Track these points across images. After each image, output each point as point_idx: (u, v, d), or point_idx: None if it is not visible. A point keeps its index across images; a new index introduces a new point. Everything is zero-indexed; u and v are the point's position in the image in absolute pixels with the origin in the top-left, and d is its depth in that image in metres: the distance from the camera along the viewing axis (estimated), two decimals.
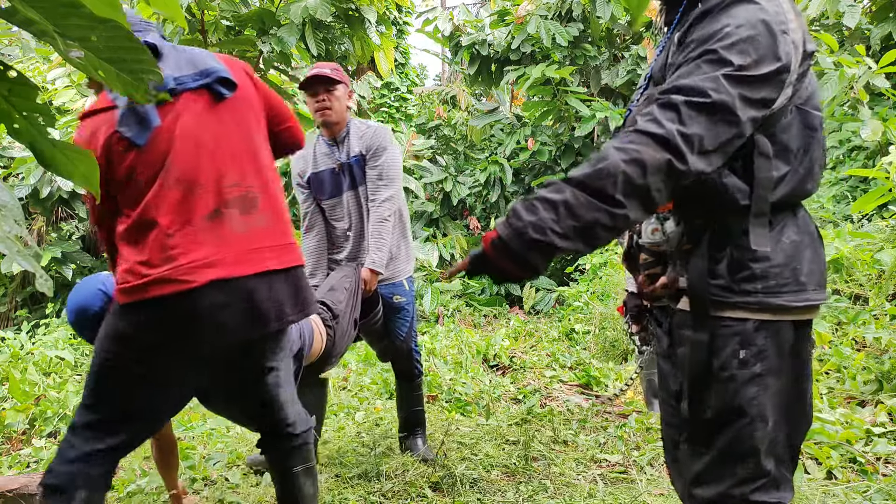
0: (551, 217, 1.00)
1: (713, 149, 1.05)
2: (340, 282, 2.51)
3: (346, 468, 2.69)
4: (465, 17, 8.41)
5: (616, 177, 1.00)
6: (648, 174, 1.01)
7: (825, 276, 1.23)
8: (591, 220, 1.01)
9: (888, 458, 2.63)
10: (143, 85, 0.79)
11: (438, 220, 8.22)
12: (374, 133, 2.69)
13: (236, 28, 4.72)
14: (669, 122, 1.04)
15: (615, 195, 1.00)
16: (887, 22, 5.88)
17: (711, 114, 1.04)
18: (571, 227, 1.01)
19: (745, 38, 1.06)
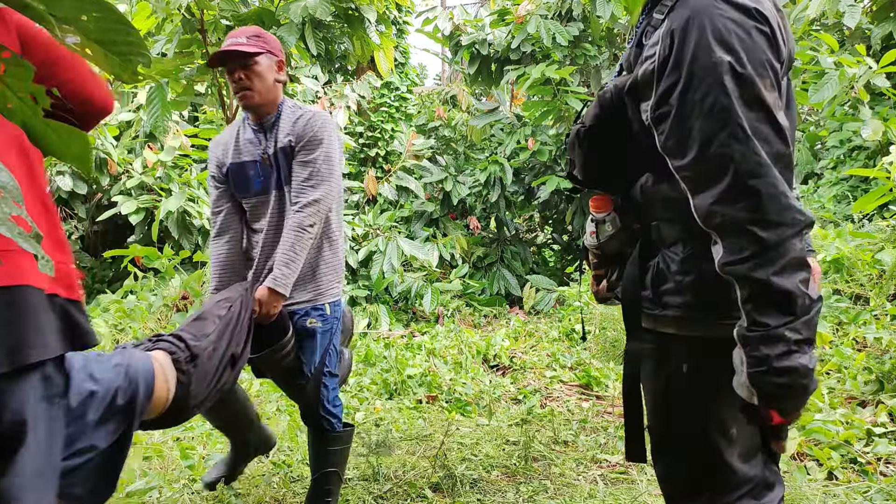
0: (800, 357, 0.97)
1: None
2: (213, 308, 1.99)
3: (345, 468, 2.68)
4: (465, 17, 8.41)
5: (803, 292, 0.97)
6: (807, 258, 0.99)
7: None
8: (814, 326, 0.99)
9: (889, 459, 2.63)
10: (130, 66, 0.80)
11: (438, 220, 8.21)
12: (310, 121, 2.15)
13: (236, 27, 4.72)
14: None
15: (813, 297, 0.98)
16: (888, 21, 5.88)
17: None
18: (810, 345, 0.99)
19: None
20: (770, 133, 0.97)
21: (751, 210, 0.96)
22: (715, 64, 0.96)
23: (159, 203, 5.62)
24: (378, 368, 4.27)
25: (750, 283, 0.98)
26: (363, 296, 6.58)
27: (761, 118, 0.97)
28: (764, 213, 0.96)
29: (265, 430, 2.48)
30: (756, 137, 0.96)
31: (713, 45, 0.96)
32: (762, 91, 0.96)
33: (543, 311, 7.00)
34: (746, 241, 0.97)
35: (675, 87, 1.01)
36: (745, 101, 0.96)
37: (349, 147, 6.40)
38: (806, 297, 0.97)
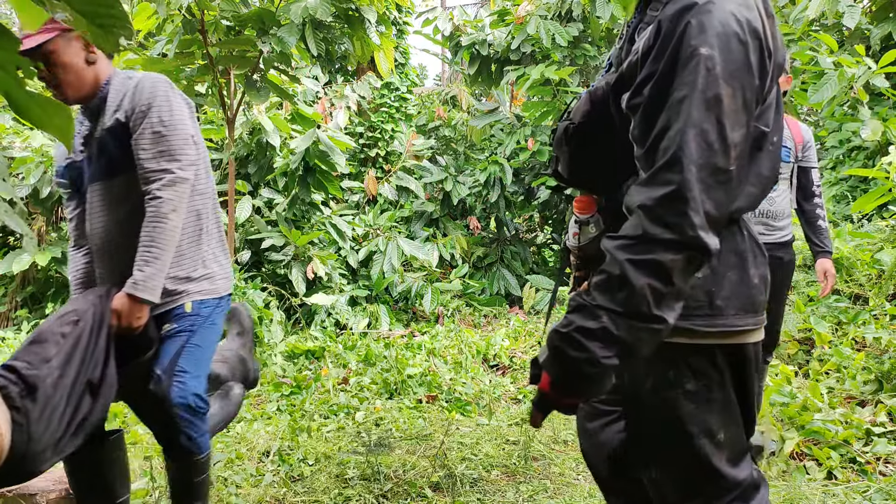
0: (597, 347, 0.96)
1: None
2: (55, 326, 1.60)
3: (345, 468, 2.69)
4: (464, 17, 8.42)
5: (644, 296, 0.94)
6: (676, 277, 0.95)
7: (757, 299, 1.13)
8: (636, 339, 0.96)
9: (888, 458, 2.64)
10: (112, 37, 0.81)
11: (438, 220, 8.22)
12: (136, 88, 1.81)
13: (236, 28, 4.72)
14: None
15: (652, 312, 0.95)
16: (887, 22, 5.88)
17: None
18: (619, 350, 0.96)
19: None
20: (715, 141, 0.95)
21: (652, 198, 0.95)
22: (691, 60, 0.95)
23: None
24: (378, 368, 4.28)
25: (610, 258, 0.97)
26: (363, 296, 6.59)
27: (712, 122, 0.95)
28: (658, 206, 0.94)
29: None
30: (698, 139, 0.94)
31: (695, 42, 0.95)
32: (724, 96, 0.95)
33: (543, 310, 7.00)
34: (633, 225, 0.97)
35: (651, 78, 1.00)
36: (705, 102, 0.95)
37: (349, 147, 6.40)
38: (645, 304, 0.94)
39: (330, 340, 5.24)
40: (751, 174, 1.10)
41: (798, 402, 2.98)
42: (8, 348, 4.46)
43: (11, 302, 6.15)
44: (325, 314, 5.98)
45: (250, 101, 5.17)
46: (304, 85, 6.20)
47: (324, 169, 5.95)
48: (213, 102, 5.19)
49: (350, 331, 5.71)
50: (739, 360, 1.14)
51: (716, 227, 0.96)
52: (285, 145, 6.17)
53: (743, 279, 1.11)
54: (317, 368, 4.41)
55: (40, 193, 5.71)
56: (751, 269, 1.12)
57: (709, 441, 1.12)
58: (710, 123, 0.95)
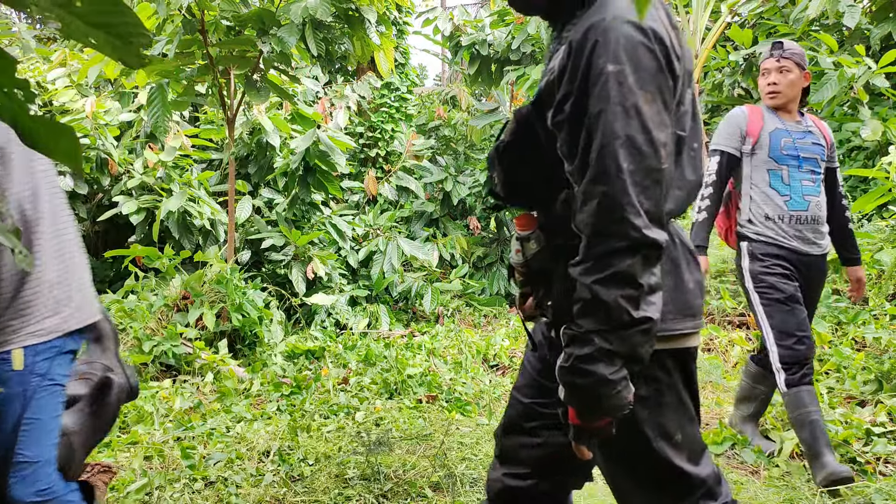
0: (601, 367, 1.00)
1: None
2: None
3: (345, 468, 2.69)
4: (464, 17, 8.42)
5: (621, 306, 0.99)
6: (641, 278, 1.00)
7: (693, 303, 1.17)
8: (632, 345, 1.01)
9: (888, 458, 2.64)
10: (133, 48, 0.77)
11: (438, 220, 8.22)
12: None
13: (236, 28, 4.72)
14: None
15: (634, 317, 0.99)
16: (887, 22, 5.88)
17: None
18: (623, 361, 1.01)
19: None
20: (644, 146, 0.99)
21: (592, 214, 1.00)
22: (603, 74, 0.99)
23: (160, 203, 5.63)
24: (378, 368, 4.28)
25: (579, 285, 1.02)
26: (363, 296, 6.59)
27: (638, 129, 0.99)
28: (599, 219, 0.99)
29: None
30: (626, 147, 0.98)
31: (604, 58, 1.00)
32: (642, 103, 0.99)
33: None
34: (583, 244, 1.02)
35: (570, 96, 1.04)
36: (623, 111, 0.98)
37: (349, 147, 6.40)
38: (625, 313, 0.98)
39: (330, 340, 5.25)
40: (675, 178, 1.13)
41: None
42: None
43: None
44: (325, 314, 5.98)
45: (250, 101, 5.17)
46: (304, 85, 6.20)
47: (324, 169, 5.95)
48: (213, 102, 5.19)
49: (350, 331, 5.71)
50: (685, 361, 1.19)
51: (660, 222, 1.01)
52: (285, 145, 6.17)
53: (678, 285, 1.16)
54: (317, 368, 4.42)
55: None
56: (685, 275, 1.17)
57: (667, 443, 1.16)
58: (634, 130, 0.99)
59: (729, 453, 2.81)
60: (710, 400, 3.38)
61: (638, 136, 0.99)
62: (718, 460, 2.73)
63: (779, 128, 2.53)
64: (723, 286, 4.28)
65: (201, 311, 4.42)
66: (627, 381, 1.02)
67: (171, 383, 3.89)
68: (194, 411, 3.49)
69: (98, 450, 2.99)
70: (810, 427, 2.41)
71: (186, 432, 3.17)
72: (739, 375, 3.63)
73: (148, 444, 2.96)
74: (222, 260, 4.99)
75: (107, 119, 5.91)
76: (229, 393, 3.80)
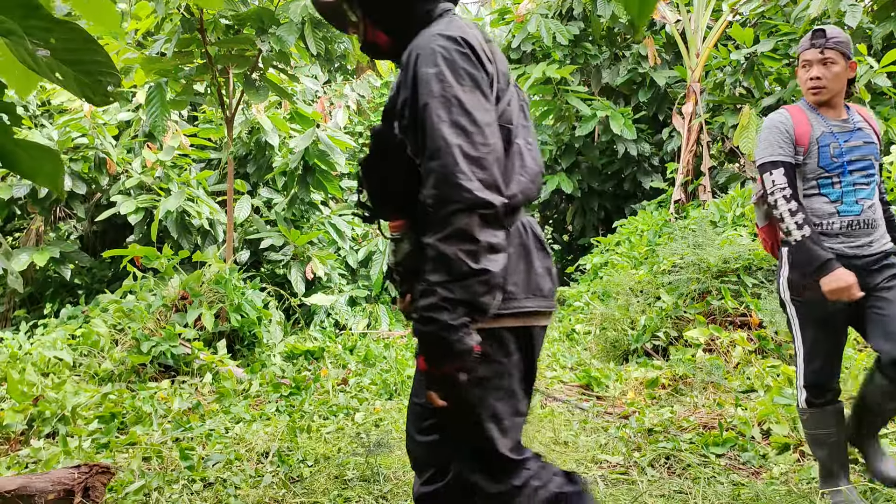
0: (445, 315, 1.13)
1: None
2: None
3: (345, 469, 2.68)
4: (465, 16, 8.40)
5: (460, 259, 1.13)
6: (478, 234, 1.14)
7: (542, 285, 1.32)
8: (473, 294, 1.14)
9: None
10: (101, 87, 0.77)
11: None
12: None
13: (235, 27, 4.70)
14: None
15: (473, 268, 1.13)
16: (889, 21, 5.87)
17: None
18: (465, 310, 1.14)
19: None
20: (468, 125, 1.17)
21: (432, 187, 1.16)
22: (426, 77, 1.20)
23: (158, 203, 5.61)
24: (378, 369, 4.27)
25: (427, 246, 1.17)
26: (363, 296, 6.57)
27: (460, 113, 1.17)
28: (438, 189, 1.15)
29: None
30: (452, 127, 1.16)
31: (425, 65, 1.21)
32: (461, 93, 1.19)
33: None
34: (428, 212, 1.17)
35: (406, 102, 1.24)
36: (446, 100, 1.18)
37: (349, 147, 6.38)
38: (464, 265, 1.13)
39: (329, 341, 5.23)
40: (516, 165, 1.32)
41: None
42: (6, 348, 4.45)
43: (10, 302, 6.13)
44: (324, 314, 5.96)
45: (249, 101, 5.15)
46: (303, 84, 6.18)
47: (323, 168, 5.93)
48: (211, 101, 5.17)
49: (349, 331, 5.69)
50: (530, 338, 1.33)
51: (495, 188, 1.16)
52: (284, 144, 6.15)
53: (527, 268, 1.31)
54: (316, 369, 4.40)
55: (38, 193, 5.70)
56: (536, 261, 1.33)
57: (496, 426, 1.29)
58: (457, 114, 1.17)
59: (730, 454, 2.80)
60: (712, 401, 3.36)
61: (461, 119, 1.17)
62: (719, 461, 2.72)
63: (825, 132, 2.26)
64: (724, 286, 4.27)
65: (200, 311, 4.41)
66: (469, 329, 1.15)
67: (169, 384, 3.87)
68: (193, 412, 3.48)
69: (96, 450, 2.98)
70: (830, 448, 2.29)
71: (185, 433, 3.16)
72: (742, 376, 3.61)
73: (146, 444, 2.95)
74: (221, 260, 4.97)
75: (105, 118, 5.89)
76: (228, 394, 3.78)
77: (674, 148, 7.21)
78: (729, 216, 5.25)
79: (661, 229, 6.00)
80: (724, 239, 4.74)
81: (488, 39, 1.32)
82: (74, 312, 5.31)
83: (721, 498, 2.38)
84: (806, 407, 2.28)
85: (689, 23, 6.68)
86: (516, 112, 1.34)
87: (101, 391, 3.58)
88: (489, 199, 1.14)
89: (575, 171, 7.78)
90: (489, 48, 1.29)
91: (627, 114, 7.19)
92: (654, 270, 4.89)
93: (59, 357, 4.03)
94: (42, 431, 3.28)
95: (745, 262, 4.36)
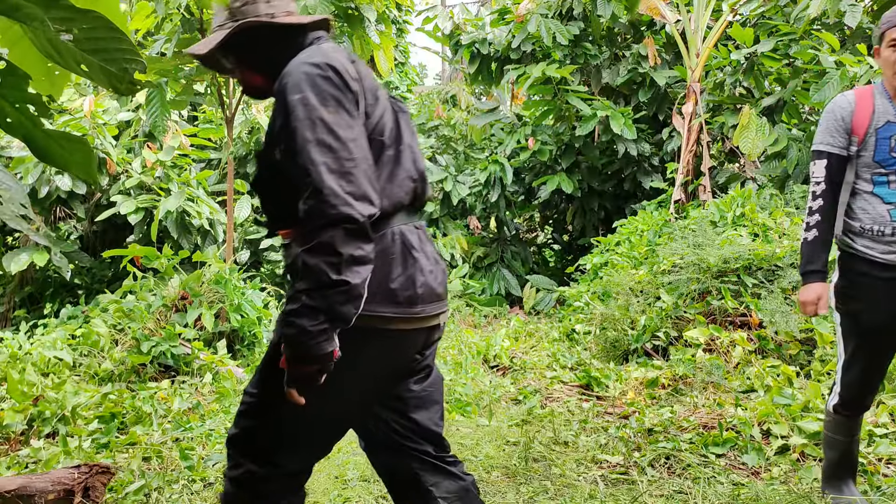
0: (304, 320, 1.22)
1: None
2: None
3: (345, 469, 2.68)
4: (465, 15, 8.39)
5: (322, 270, 1.21)
6: (340, 248, 1.22)
7: (400, 294, 1.37)
8: (332, 303, 1.22)
9: (890, 459, 2.62)
10: (126, 75, 0.77)
11: (438, 220, 8.20)
12: None
13: None
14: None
15: (333, 279, 1.21)
16: None
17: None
18: (324, 317, 1.22)
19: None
20: (333, 143, 1.25)
21: (303, 202, 1.24)
22: (293, 104, 1.29)
23: (158, 203, 5.61)
24: None
25: (297, 256, 1.26)
26: None
27: (324, 132, 1.26)
28: (307, 204, 1.24)
29: None
30: (317, 146, 1.25)
31: (290, 95, 1.30)
32: (325, 114, 1.27)
33: (544, 311, 6.98)
34: (302, 226, 1.25)
35: (280, 128, 1.32)
36: (311, 122, 1.26)
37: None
38: (325, 276, 1.21)
39: None
40: (388, 176, 1.40)
41: (800, 403, 2.97)
42: (6, 348, 4.45)
43: (10, 302, 6.13)
44: None
45: (249, 100, 5.15)
46: None
47: None
48: (211, 102, 5.17)
49: None
50: (388, 344, 1.40)
51: (364, 199, 1.24)
52: None
53: (387, 275, 1.38)
54: None
55: (38, 193, 5.69)
56: (396, 269, 1.39)
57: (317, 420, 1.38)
58: (321, 133, 1.26)
59: (730, 454, 2.80)
60: (712, 401, 3.36)
61: (325, 137, 1.25)
62: (719, 461, 2.72)
63: (891, 121, 2.01)
64: (724, 286, 4.26)
65: (200, 311, 4.40)
66: (328, 335, 1.23)
67: (169, 384, 3.87)
68: (193, 412, 3.48)
69: (96, 450, 2.98)
70: (842, 453, 2.23)
71: (185, 433, 3.16)
72: (741, 377, 3.61)
73: (146, 444, 2.95)
74: (221, 260, 4.97)
75: (105, 118, 5.89)
76: (228, 394, 3.78)
77: (674, 148, 7.21)
78: (729, 216, 5.25)
79: (661, 229, 6.00)
80: (724, 239, 4.74)
81: (353, 60, 1.42)
82: (74, 312, 5.31)
83: (721, 498, 2.38)
84: (832, 411, 2.21)
85: (689, 23, 6.67)
86: (390, 123, 1.43)
87: (101, 391, 3.58)
88: (352, 213, 1.22)
89: (575, 171, 7.78)
90: (355, 68, 1.38)
91: (627, 114, 7.19)
92: (654, 270, 4.89)
93: (59, 357, 4.03)
94: (42, 431, 3.28)
95: (745, 262, 4.36)
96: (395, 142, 1.44)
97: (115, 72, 0.77)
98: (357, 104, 1.34)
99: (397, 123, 1.47)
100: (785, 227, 4.93)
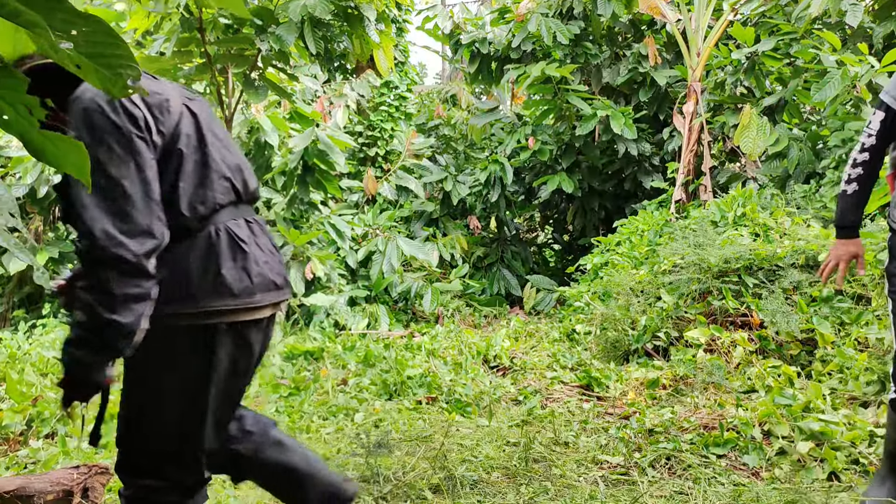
0: (74, 349, 1.31)
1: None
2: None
3: (345, 469, 2.67)
4: (465, 15, 8.39)
5: (94, 309, 1.27)
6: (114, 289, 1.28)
7: (231, 284, 1.42)
8: (104, 339, 1.29)
9: None
10: (120, 80, 0.79)
11: (438, 220, 8.19)
12: None
13: (235, 26, 4.69)
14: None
15: (105, 317, 1.27)
16: (890, 21, 5.86)
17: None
18: (94, 348, 1.30)
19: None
20: (103, 182, 1.28)
21: (78, 241, 1.29)
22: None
23: None
24: (378, 369, 4.25)
25: (77, 289, 1.33)
26: (363, 296, 6.56)
27: (98, 175, 1.27)
28: (82, 245, 1.27)
29: None
30: (90, 188, 1.23)
31: (71, 131, 1.30)
32: (99, 154, 1.28)
33: (544, 311, 6.97)
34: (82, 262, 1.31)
35: None
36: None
37: (348, 146, 6.37)
38: (98, 315, 1.27)
39: (329, 341, 5.22)
40: (198, 183, 1.43)
41: (801, 403, 2.96)
42: (5, 348, 4.44)
43: (8, 302, 6.12)
44: (323, 315, 5.95)
45: (248, 100, 5.14)
46: (302, 83, 6.17)
47: (323, 168, 5.92)
48: (210, 101, 5.16)
49: (349, 331, 5.68)
50: (238, 335, 1.46)
51: (140, 235, 1.28)
52: (284, 144, 6.14)
53: (211, 268, 1.41)
54: (315, 369, 4.39)
55: (37, 193, 5.68)
56: (225, 263, 1.42)
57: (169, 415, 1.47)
58: (95, 176, 1.26)
59: (731, 455, 2.79)
60: (712, 401, 3.35)
61: (98, 179, 1.27)
62: (720, 462, 2.71)
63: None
64: (725, 286, 4.25)
65: None
66: (100, 365, 1.33)
67: None
68: None
69: (95, 451, 2.97)
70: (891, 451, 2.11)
71: None
72: (742, 377, 3.61)
73: None
74: None
75: None
76: None
77: (674, 147, 7.20)
78: (730, 216, 5.24)
79: (662, 229, 5.99)
80: (725, 239, 4.73)
81: (156, 93, 1.42)
82: None
83: (722, 499, 2.37)
84: (889, 406, 2.09)
85: (689, 22, 6.67)
86: (186, 129, 1.43)
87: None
88: (123, 254, 1.26)
89: (575, 171, 7.77)
90: (156, 106, 1.39)
91: (628, 113, 7.18)
92: (655, 270, 4.88)
93: (59, 357, 4.02)
94: (41, 432, 3.27)
95: (745, 262, 4.35)
96: (197, 147, 1.44)
97: (109, 76, 0.80)
98: (142, 128, 1.34)
99: (197, 126, 1.46)
100: (786, 227, 4.92)
